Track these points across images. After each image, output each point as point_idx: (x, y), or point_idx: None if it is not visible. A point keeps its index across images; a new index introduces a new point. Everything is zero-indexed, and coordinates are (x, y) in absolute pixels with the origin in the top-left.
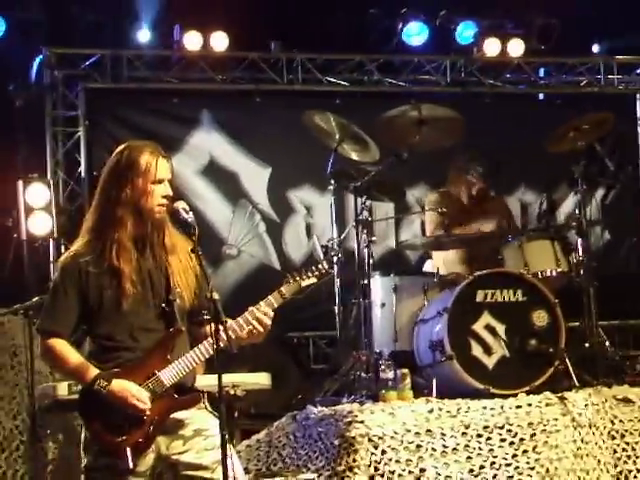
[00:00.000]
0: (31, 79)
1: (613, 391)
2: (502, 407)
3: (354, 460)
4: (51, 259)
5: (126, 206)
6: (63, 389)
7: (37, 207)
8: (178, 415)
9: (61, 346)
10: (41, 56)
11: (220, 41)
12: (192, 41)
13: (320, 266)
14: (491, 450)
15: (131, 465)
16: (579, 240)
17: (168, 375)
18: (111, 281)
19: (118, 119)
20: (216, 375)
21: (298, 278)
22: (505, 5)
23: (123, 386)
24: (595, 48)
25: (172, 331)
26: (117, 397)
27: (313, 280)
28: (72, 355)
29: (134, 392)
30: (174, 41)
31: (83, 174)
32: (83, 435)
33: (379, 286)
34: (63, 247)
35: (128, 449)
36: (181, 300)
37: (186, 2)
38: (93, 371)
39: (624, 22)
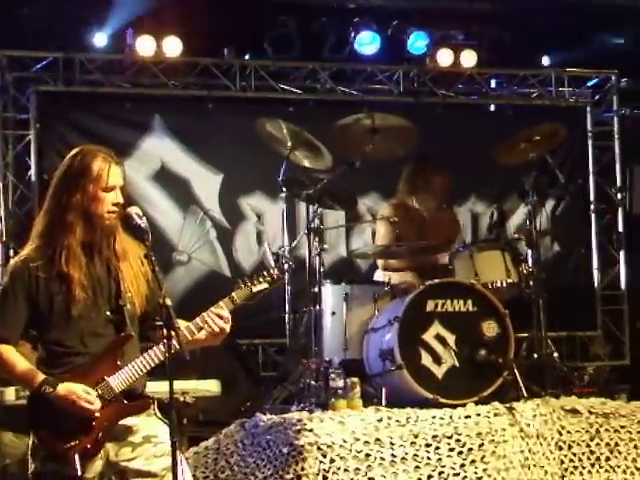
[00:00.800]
0: None
1: (561, 402)
2: (451, 417)
3: (302, 469)
4: None
5: (76, 211)
6: (10, 394)
7: None
8: (127, 421)
9: (8, 352)
10: None
11: (173, 46)
12: (145, 46)
13: (272, 271)
14: (439, 460)
15: (79, 472)
16: (529, 251)
17: (117, 381)
18: (60, 287)
19: (69, 123)
20: (166, 382)
21: (249, 283)
22: (457, 16)
23: (69, 389)
24: (545, 60)
25: (122, 336)
26: (64, 400)
27: (265, 285)
28: (19, 361)
29: (81, 393)
30: (127, 45)
31: (33, 178)
32: (31, 441)
33: (330, 294)
34: (12, 251)
35: (76, 455)
36: (131, 305)
37: (139, 7)
38: (40, 377)
39: (575, 35)
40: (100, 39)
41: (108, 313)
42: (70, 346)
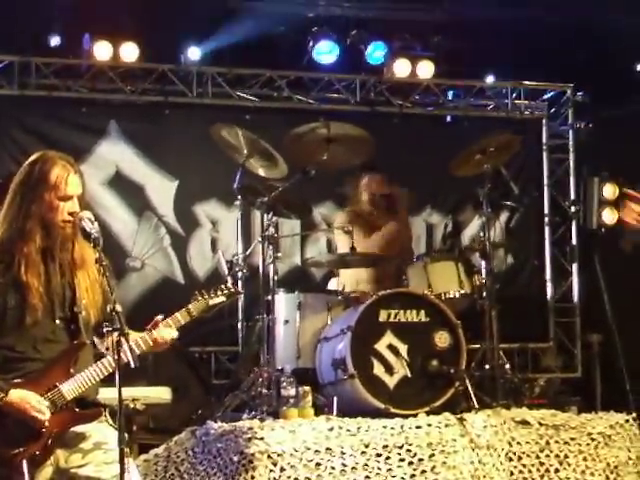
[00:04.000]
0: None
1: (511, 413)
2: (402, 427)
3: (252, 477)
4: None
5: (35, 219)
6: None
7: None
8: (78, 428)
9: None
10: None
11: (130, 52)
12: (102, 51)
13: (230, 285)
14: (390, 470)
15: (26, 478)
16: (482, 262)
17: (69, 388)
18: (16, 293)
19: (24, 127)
20: (116, 388)
21: (206, 296)
22: (415, 27)
23: (21, 397)
24: (489, 79)
25: (76, 344)
26: (15, 408)
27: (222, 299)
28: None
29: (33, 403)
30: (83, 50)
31: None
32: None
33: (283, 303)
34: None
35: (24, 462)
36: (86, 313)
37: (96, 11)
38: None
39: (532, 48)
40: (55, 42)
41: (58, 322)
42: (22, 351)
